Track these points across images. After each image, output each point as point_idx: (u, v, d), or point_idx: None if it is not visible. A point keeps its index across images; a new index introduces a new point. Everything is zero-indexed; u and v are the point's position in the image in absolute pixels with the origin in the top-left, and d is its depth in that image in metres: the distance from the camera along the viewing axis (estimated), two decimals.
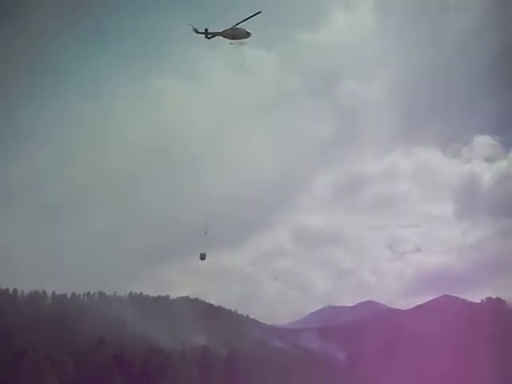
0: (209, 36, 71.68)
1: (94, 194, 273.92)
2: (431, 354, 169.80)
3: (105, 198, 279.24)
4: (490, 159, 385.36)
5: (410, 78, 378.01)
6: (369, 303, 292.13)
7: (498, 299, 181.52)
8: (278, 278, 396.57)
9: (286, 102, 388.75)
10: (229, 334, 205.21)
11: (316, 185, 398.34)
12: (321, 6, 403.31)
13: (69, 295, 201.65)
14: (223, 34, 71.52)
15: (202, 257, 74.90)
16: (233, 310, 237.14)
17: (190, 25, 71.17)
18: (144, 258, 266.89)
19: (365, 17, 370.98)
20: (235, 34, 71.33)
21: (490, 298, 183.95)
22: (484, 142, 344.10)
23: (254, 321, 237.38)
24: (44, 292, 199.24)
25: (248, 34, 71.69)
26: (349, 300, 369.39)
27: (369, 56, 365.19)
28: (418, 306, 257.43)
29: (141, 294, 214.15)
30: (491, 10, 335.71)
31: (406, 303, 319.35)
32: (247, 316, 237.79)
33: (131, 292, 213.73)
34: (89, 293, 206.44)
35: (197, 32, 71.42)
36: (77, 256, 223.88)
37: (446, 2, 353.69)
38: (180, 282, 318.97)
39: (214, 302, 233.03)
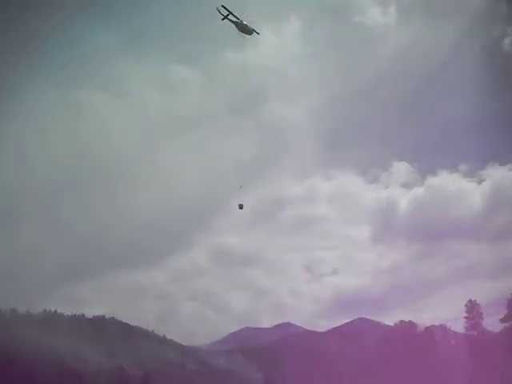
0: (224, 19, 79.56)
1: (6, 208, 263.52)
2: (346, 376, 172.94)
3: (18, 213, 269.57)
4: (407, 185, 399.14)
5: (333, 103, 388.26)
6: (286, 325, 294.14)
7: (411, 322, 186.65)
8: (195, 298, 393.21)
9: (208, 121, 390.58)
10: (145, 355, 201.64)
11: (236, 206, 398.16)
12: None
13: None
14: (237, 24, 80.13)
15: (241, 207, 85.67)
16: (150, 329, 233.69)
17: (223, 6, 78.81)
18: (59, 275, 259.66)
19: (291, 41, 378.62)
20: (244, 28, 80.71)
21: (402, 320, 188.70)
22: (402, 168, 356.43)
23: (171, 341, 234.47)
24: None
25: (252, 32, 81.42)
26: (266, 321, 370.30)
27: (293, 79, 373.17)
28: (335, 328, 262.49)
29: (55, 311, 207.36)
30: (413, 40, 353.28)
31: (323, 325, 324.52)
32: (164, 336, 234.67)
33: (45, 310, 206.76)
34: (0, 310, 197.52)
35: (220, 12, 79.03)
36: None
37: (370, 31, 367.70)
38: (96, 300, 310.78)
39: (131, 321, 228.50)
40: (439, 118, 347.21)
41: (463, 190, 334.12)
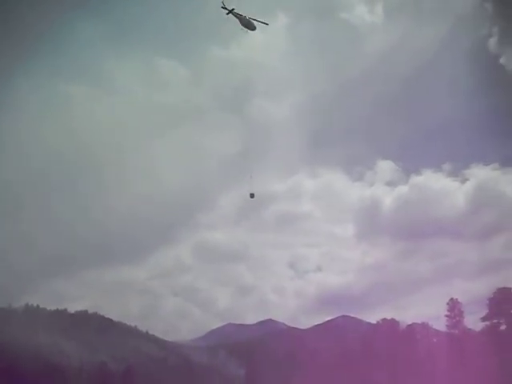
0: (229, 13, 79.36)
1: None
2: (328, 374, 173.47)
3: (1, 204, 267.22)
4: (391, 184, 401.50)
5: (319, 100, 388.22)
6: (269, 321, 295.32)
7: (393, 320, 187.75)
8: (179, 294, 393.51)
9: (194, 116, 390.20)
10: (127, 350, 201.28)
11: (220, 202, 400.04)
12: (234, 23, 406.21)
13: None
14: (241, 19, 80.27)
15: (252, 196, 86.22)
16: (133, 325, 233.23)
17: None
18: (42, 269, 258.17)
19: (277, 37, 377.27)
20: (248, 24, 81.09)
21: (385, 318, 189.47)
22: (387, 166, 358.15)
23: (154, 337, 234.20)
24: None
25: (255, 28, 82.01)
26: (249, 318, 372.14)
27: (280, 76, 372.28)
28: (317, 326, 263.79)
29: (37, 306, 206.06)
30: (399, 39, 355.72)
31: (305, 322, 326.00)
32: (147, 332, 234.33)
33: (27, 304, 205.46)
34: None
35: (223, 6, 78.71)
36: None
37: (357, 29, 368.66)
38: (79, 295, 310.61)
39: (114, 316, 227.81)
40: (424, 118, 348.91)
41: (447, 189, 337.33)
